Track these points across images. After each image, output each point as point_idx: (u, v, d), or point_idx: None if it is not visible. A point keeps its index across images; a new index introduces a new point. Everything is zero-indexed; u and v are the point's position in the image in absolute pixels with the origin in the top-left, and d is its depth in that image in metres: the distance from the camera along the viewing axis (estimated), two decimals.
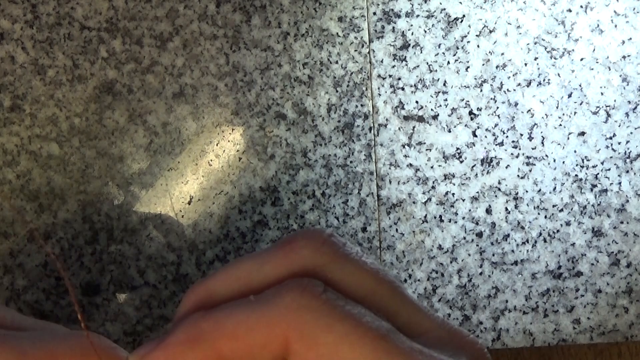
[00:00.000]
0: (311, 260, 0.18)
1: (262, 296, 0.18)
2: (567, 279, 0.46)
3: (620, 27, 0.45)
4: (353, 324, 0.17)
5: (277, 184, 0.45)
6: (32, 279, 0.45)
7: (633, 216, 0.45)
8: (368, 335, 0.17)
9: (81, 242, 0.45)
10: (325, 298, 0.17)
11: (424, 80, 0.45)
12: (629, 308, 0.46)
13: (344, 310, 0.17)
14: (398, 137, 0.45)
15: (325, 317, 0.17)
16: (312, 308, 0.17)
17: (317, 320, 0.17)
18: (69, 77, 0.45)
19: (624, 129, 0.45)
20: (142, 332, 0.45)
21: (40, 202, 0.45)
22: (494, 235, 0.45)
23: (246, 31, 0.45)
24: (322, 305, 0.17)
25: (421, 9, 0.45)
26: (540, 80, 0.45)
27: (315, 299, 0.17)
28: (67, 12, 0.45)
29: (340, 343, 0.16)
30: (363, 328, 0.17)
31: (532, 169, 0.45)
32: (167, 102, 0.45)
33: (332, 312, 0.17)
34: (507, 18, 0.45)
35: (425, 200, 0.45)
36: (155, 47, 0.45)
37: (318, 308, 0.17)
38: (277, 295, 0.17)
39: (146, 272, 0.45)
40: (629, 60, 0.45)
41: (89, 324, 0.45)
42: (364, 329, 0.17)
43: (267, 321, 0.17)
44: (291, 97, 0.45)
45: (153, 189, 0.45)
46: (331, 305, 0.17)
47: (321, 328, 0.17)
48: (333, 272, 0.18)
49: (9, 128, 0.45)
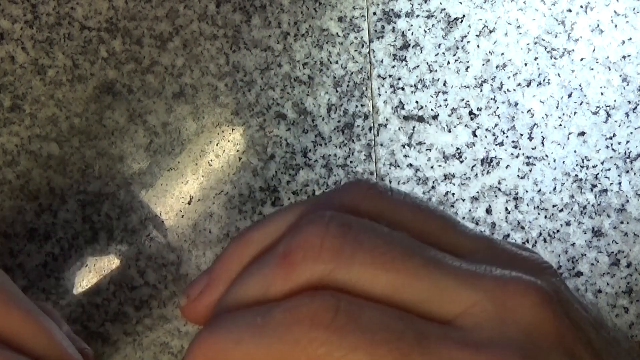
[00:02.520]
0: (315, 274, 0.17)
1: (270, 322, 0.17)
2: (567, 279, 0.46)
3: (620, 27, 0.45)
4: (368, 351, 0.16)
5: (277, 184, 0.45)
6: (32, 279, 0.45)
7: (633, 216, 0.45)
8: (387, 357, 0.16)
9: (81, 242, 0.45)
10: (335, 325, 0.16)
11: (424, 80, 0.45)
12: (629, 308, 0.46)
13: (356, 335, 0.16)
14: (398, 137, 0.45)
15: (336, 350, 0.16)
16: (321, 342, 0.16)
17: (328, 354, 0.16)
18: (69, 77, 0.45)
19: (624, 129, 0.45)
20: (142, 332, 0.45)
21: (40, 202, 0.45)
22: (494, 235, 0.45)
23: (246, 31, 0.45)
24: (332, 336, 0.16)
25: (421, 9, 0.45)
26: (540, 80, 0.45)
27: (324, 330, 0.16)
28: (67, 12, 0.45)
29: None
30: (380, 352, 0.16)
31: (532, 169, 0.45)
32: (167, 102, 0.45)
33: (344, 341, 0.16)
34: (507, 18, 0.45)
35: (426, 200, 0.45)
36: (155, 47, 0.45)
37: (327, 340, 0.16)
38: (285, 325, 0.17)
39: (146, 272, 0.45)
40: (629, 60, 0.45)
41: (89, 324, 0.45)
42: (381, 353, 0.16)
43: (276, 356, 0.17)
44: (291, 97, 0.45)
45: (153, 189, 0.45)
46: (342, 334, 0.16)
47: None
48: (342, 277, 0.17)
49: (9, 128, 0.45)
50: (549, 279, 0.18)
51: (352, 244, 0.17)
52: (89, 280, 0.45)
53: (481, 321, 0.17)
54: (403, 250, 0.17)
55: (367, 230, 0.18)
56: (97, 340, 0.45)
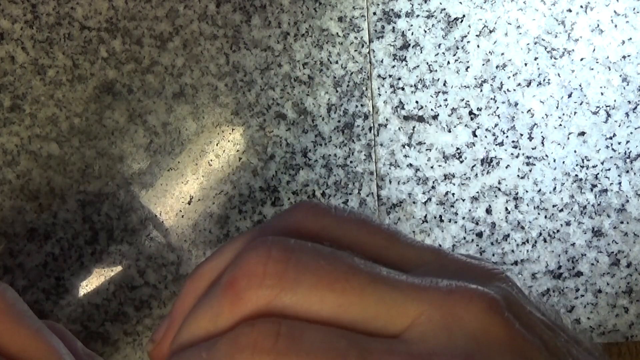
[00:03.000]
0: (260, 300, 0.17)
1: (214, 355, 0.17)
2: (567, 279, 0.46)
3: (620, 27, 0.45)
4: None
5: (277, 184, 0.45)
6: (32, 279, 0.45)
7: (633, 216, 0.45)
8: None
9: (81, 242, 0.45)
10: (277, 350, 0.16)
11: (424, 80, 0.45)
12: (629, 308, 0.46)
13: (298, 357, 0.16)
14: (398, 137, 0.45)
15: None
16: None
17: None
18: (69, 77, 0.45)
19: (624, 129, 0.45)
20: (142, 332, 0.45)
21: (40, 202, 0.45)
22: (494, 235, 0.45)
23: (246, 31, 0.45)
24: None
25: (421, 9, 0.45)
26: (540, 80, 0.45)
27: (266, 356, 0.16)
28: (67, 12, 0.45)
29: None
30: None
31: (532, 169, 0.45)
32: (167, 102, 0.45)
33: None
34: (507, 18, 0.45)
35: (425, 200, 0.45)
36: (155, 47, 0.45)
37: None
38: (229, 356, 0.17)
39: (146, 272, 0.45)
40: (629, 60, 0.45)
41: (89, 324, 0.45)
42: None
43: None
44: (291, 97, 0.45)
45: (153, 189, 0.45)
46: (285, 358, 0.16)
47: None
48: (288, 301, 0.17)
49: (9, 128, 0.45)
50: (499, 284, 0.18)
51: (295, 267, 0.17)
52: (89, 280, 0.45)
53: (427, 331, 0.17)
54: (347, 269, 0.17)
55: (310, 252, 0.18)
56: (97, 340, 0.45)
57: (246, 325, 0.17)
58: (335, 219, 0.20)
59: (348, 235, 0.20)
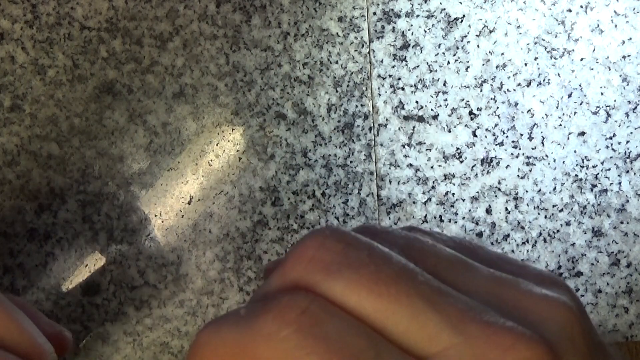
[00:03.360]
0: (302, 278, 0.17)
1: (248, 313, 0.17)
2: (567, 279, 0.46)
3: (620, 27, 0.45)
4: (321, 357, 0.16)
5: (277, 184, 0.45)
6: (32, 279, 0.45)
7: (633, 216, 0.45)
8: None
9: (81, 242, 0.45)
10: (299, 323, 0.16)
11: (424, 80, 0.45)
12: (629, 308, 0.46)
13: (315, 341, 0.16)
14: (398, 137, 0.45)
15: (294, 349, 0.16)
16: (282, 337, 0.16)
17: (285, 352, 0.16)
18: (69, 77, 0.45)
19: (624, 129, 0.45)
20: (142, 332, 0.45)
21: (40, 202, 0.45)
22: (494, 235, 0.45)
23: (246, 31, 0.45)
24: (292, 334, 0.16)
25: (421, 9, 0.45)
26: (540, 80, 0.45)
27: (287, 326, 0.16)
28: (67, 12, 0.45)
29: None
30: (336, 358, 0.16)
31: (532, 169, 0.45)
32: (167, 102, 0.45)
33: (302, 343, 0.16)
34: (507, 18, 0.45)
35: (425, 200, 0.45)
36: (155, 47, 0.45)
37: (287, 337, 0.16)
38: (255, 314, 0.17)
39: (146, 272, 0.45)
40: (629, 60, 0.45)
41: (89, 324, 0.45)
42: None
43: (249, 349, 0.16)
44: (291, 97, 0.45)
45: (153, 189, 0.45)
46: (302, 335, 0.16)
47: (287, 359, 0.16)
48: (326, 290, 0.17)
49: (9, 128, 0.45)
50: (564, 312, 0.17)
51: (341, 259, 0.17)
52: (89, 280, 0.45)
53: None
54: (393, 275, 0.17)
55: (362, 248, 0.18)
56: (97, 340, 0.45)
57: (283, 291, 0.17)
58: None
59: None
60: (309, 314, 0.16)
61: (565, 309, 0.16)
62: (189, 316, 0.45)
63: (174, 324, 0.45)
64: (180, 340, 0.45)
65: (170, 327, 0.45)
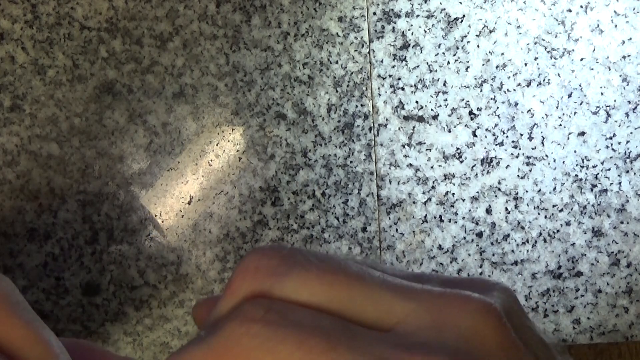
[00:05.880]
0: (254, 289, 0.18)
1: (211, 330, 0.18)
2: (567, 279, 0.46)
3: (620, 27, 0.45)
4: (296, 341, 0.16)
5: (277, 184, 0.45)
6: (32, 279, 0.45)
7: (633, 216, 0.45)
8: (314, 350, 0.16)
9: (81, 242, 0.45)
10: (266, 320, 0.17)
11: (424, 80, 0.45)
12: (629, 308, 0.46)
13: (286, 329, 0.17)
14: (398, 137, 0.45)
15: (266, 340, 0.17)
16: (252, 334, 0.17)
17: (260, 345, 0.17)
18: (69, 77, 0.45)
19: (624, 129, 0.45)
20: (142, 332, 0.45)
21: (40, 202, 0.45)
22: (494, 235, 0.46)
23: (246, 31, 0.45)
24: (262, 329, 0.17)
25: (421, 9, 0.45)
26: (540, 80, 0.45)
27: (255, 323, 0.17)
28: (67, 12, 0.45)
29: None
30: (308, 343, 0.16)
31: (532, 169, 0.45)
32: (167, 102, 0.45)
33: (274, 334, 0.17)
34: (507, 18, 0.45)
35: (425, 200, 0.45)
36: (155, 47, 0.45)
37: (258, 333, 0.17)
38: (219, 327, 0.17)
39: (146, 272, 0.45)
40: (629, 60, 0.45)
41: (89, 324, 0.45)
42: (309, 345, 0.16)
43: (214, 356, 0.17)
44: (291, 97, 0.45)
45: (153, 189, 0.45)
46: (272, 327, 0.17)
47: (264, 353, 0.17)
48: (279, 291, 0.18)
49: (9, 128, 0.45)
50: (500, 295, 0.18)
51: (287, 262, 0.18)
52: (89, 280, 0.45)
53: (416, 329, 0.17)
54: (337, 267, 0.18)
55: (303, 252, 0.19)
56: (97, 340, 0.45)
57: (243, 302, 0.18)
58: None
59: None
60: (274, 311, 0.17)
61: (480, 306, 0.18)
62: (189, 316, 0.45)
63: (174, 324, 0.45)
64: (180, 340, 0.45)
65: (170, 327, 0.45)
